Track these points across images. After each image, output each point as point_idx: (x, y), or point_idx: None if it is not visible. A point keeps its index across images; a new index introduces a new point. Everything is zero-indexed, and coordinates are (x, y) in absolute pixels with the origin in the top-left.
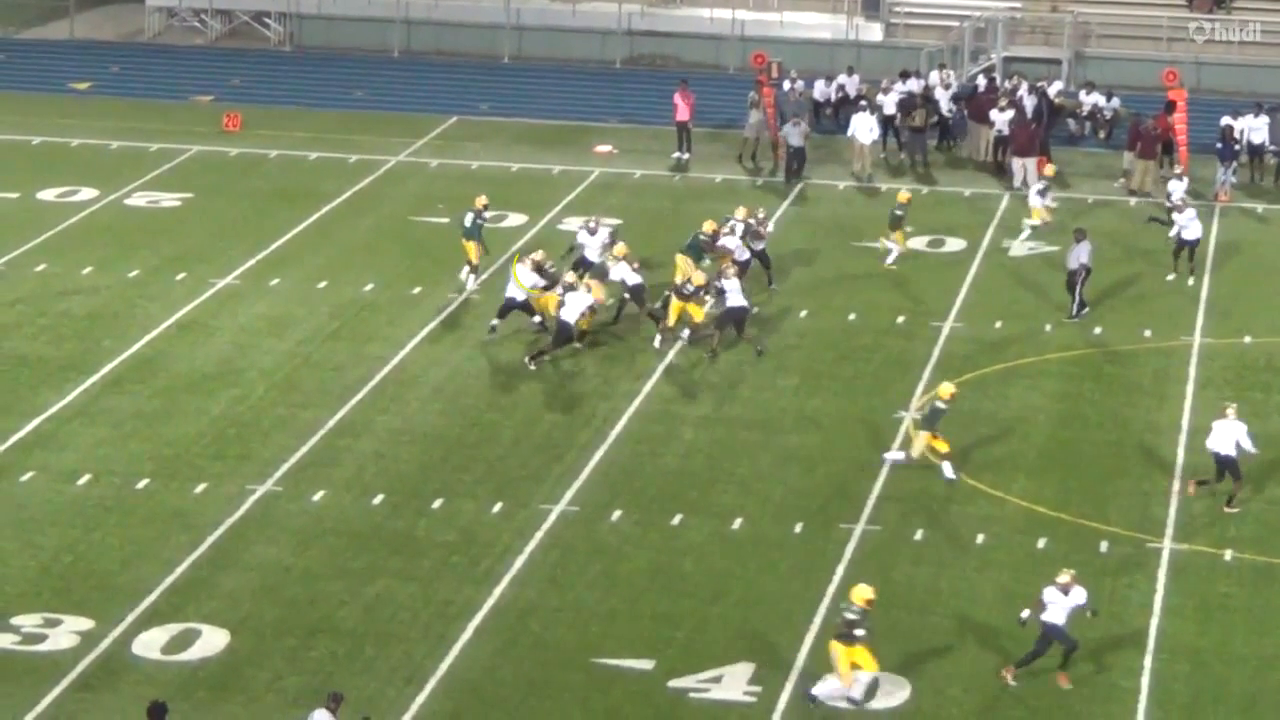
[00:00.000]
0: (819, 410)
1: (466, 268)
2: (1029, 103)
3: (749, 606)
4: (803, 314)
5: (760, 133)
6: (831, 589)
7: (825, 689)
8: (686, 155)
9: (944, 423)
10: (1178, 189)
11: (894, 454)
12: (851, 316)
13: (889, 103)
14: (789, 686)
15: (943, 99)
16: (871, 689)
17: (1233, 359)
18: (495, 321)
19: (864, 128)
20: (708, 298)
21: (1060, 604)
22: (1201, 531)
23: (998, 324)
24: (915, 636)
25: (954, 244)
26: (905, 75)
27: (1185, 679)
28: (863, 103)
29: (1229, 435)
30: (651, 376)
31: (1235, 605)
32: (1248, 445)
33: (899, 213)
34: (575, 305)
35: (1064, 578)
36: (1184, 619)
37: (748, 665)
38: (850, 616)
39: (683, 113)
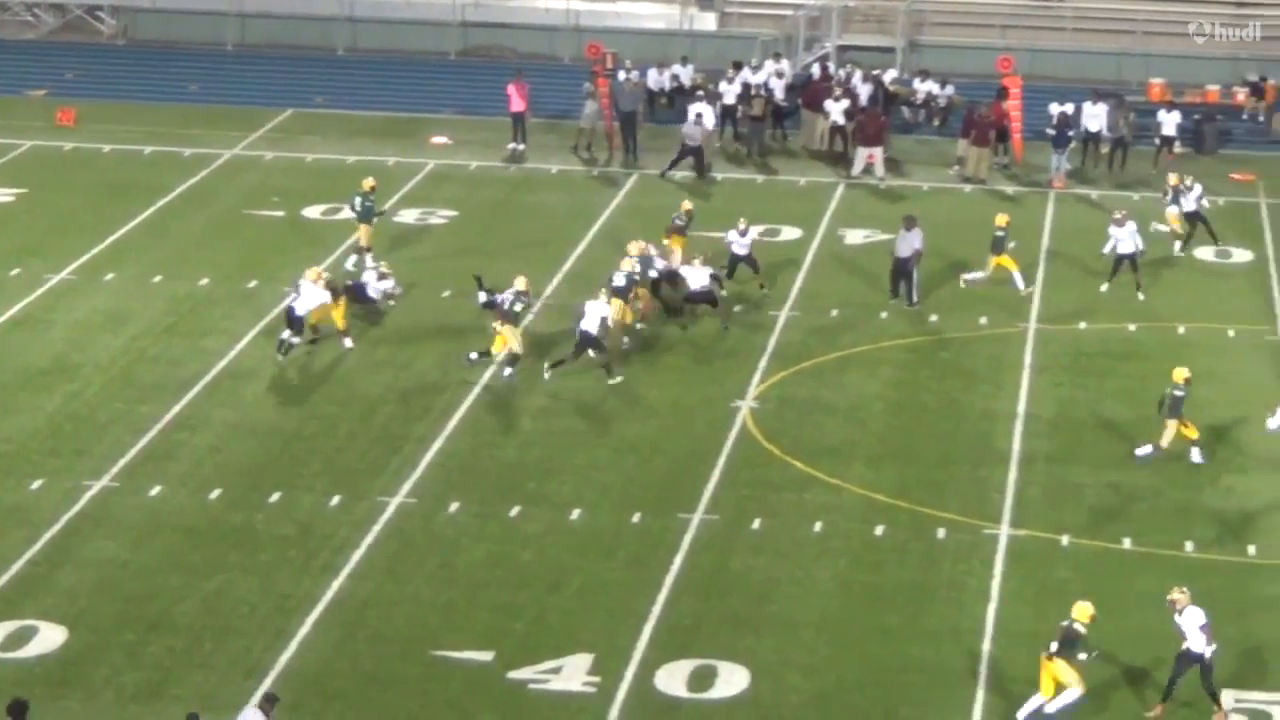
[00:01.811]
0: (656, 400)
1: (355, 255)
2: (864, 91)
3: (588, 597)
4: (638, 304)
5: (595, 123)
6: (669, 578)
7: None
8: (522, 146)
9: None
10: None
11: (1144, 449)
12: (687, 306)
13: (730, 93)
14: (628, 676)
15: (777, 88)
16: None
17: (1068, 345)
18: (286, 335)
19: (707, 118)
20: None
21: (1190, 625)
22: (1038, 517)
23: (834, 312)
24: (753, 625)
25: (790, 233)
26: (738, 65)
27: (1024, 664)
28: (699, 93)
29: None
30: (489, 368)
31: (1073, 590)
32: None
33: (1000, 234)
34: (593, 315)
35: (1178, 595)
36: (1022, 604)
37: (587, 656)
38: (1076, 629)
39: (517, 103)
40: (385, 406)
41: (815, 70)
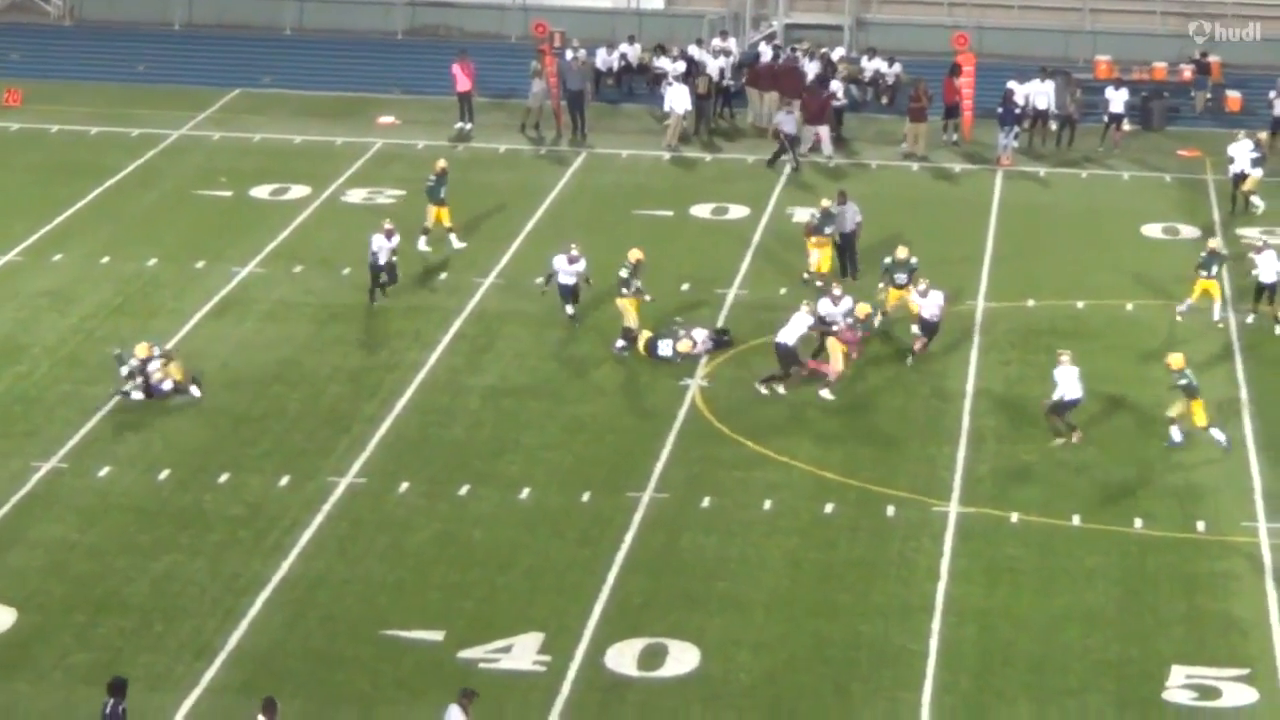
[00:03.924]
0: (605, 379)
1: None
2: (811, 69)
3: (537, 576)
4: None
5: (543, 102)
6: (619, 557)
7: None
8: (469, 125)
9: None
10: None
11: (1176, 434)
12: (620, 272)
13: (674, 72)
14: (579, 655)
15: (725, 66)
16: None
17: (1017, 322)
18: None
19: (680, 99)
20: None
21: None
22: (987, 495)
23: (782, 290)
24: (703, 603)
25: (737, 211)
26: (679, 46)
27: (973, 641)
28: (670, 76)
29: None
30: (437, 347)
31: (1022, 567)
32: None
33: (1203, 255)
34: (796, 326)
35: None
36: (971, 582)
37: (537, 635)
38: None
39: (463, 83)
40: (334, 387)
41: (763, 49)
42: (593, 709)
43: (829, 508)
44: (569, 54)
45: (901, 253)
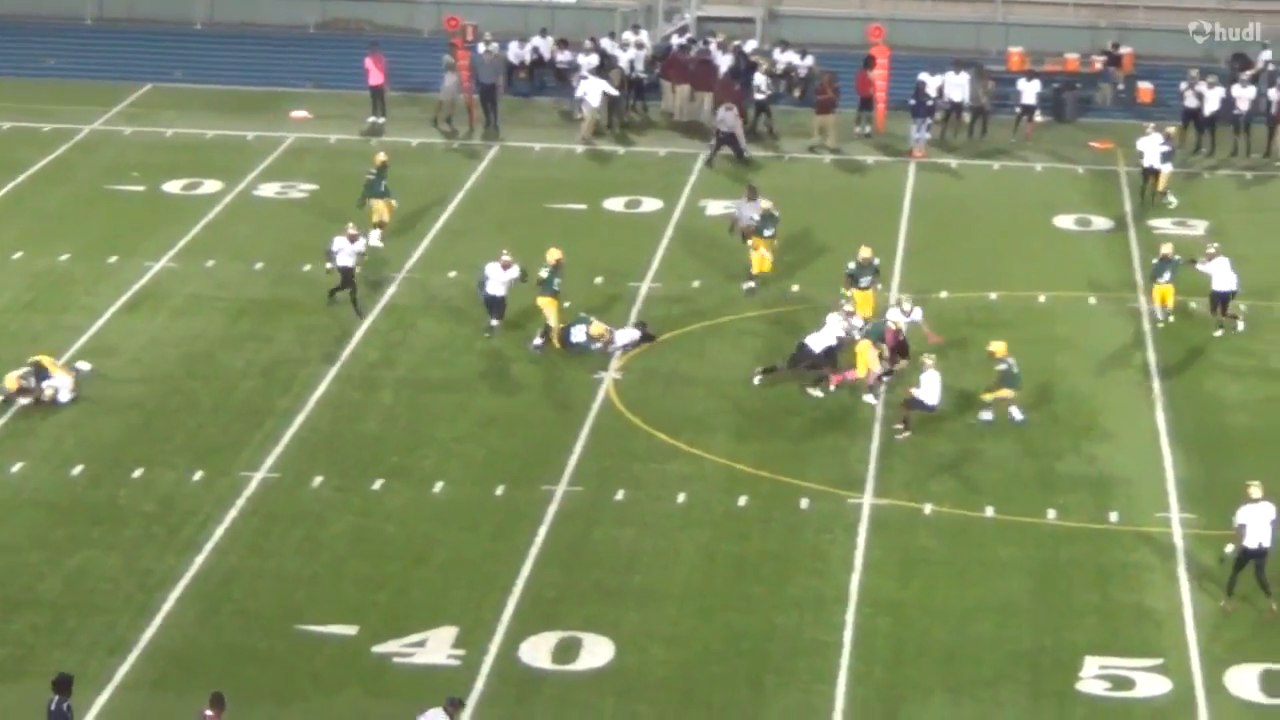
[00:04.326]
0: (519, 373)
1: (377, 231)
2: (724, 61)
3: (452, 570)
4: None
5: (455, 95)
6: (533, 551)
7: None
8: (382, 119)
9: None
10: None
11: (988, 415)
12: (540, 272)
13: (587, 64)
14: (493, 649)
15: (638, 59)
16: None
17: (930, 314)
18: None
19: (595, 92)
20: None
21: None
22: (901, 486)
23: (695, 283)
24: (618, 597)
25: (650, 204)
26: (593, 38)
27: (887, 632)
28: (584, 70)
29: None
30: (351, 342)
31: (935, 559)
32: None
33: (1165, 261)
34: (829, 330)
35: (1256, 492)
36: (885, 573)
37: (451, 629)
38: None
39: (375, 77)
40: (247, 381)
41: (675, 41)
42: (507, 703)
43: (742, 500)
44: (481, 48)
45: (865, 253)
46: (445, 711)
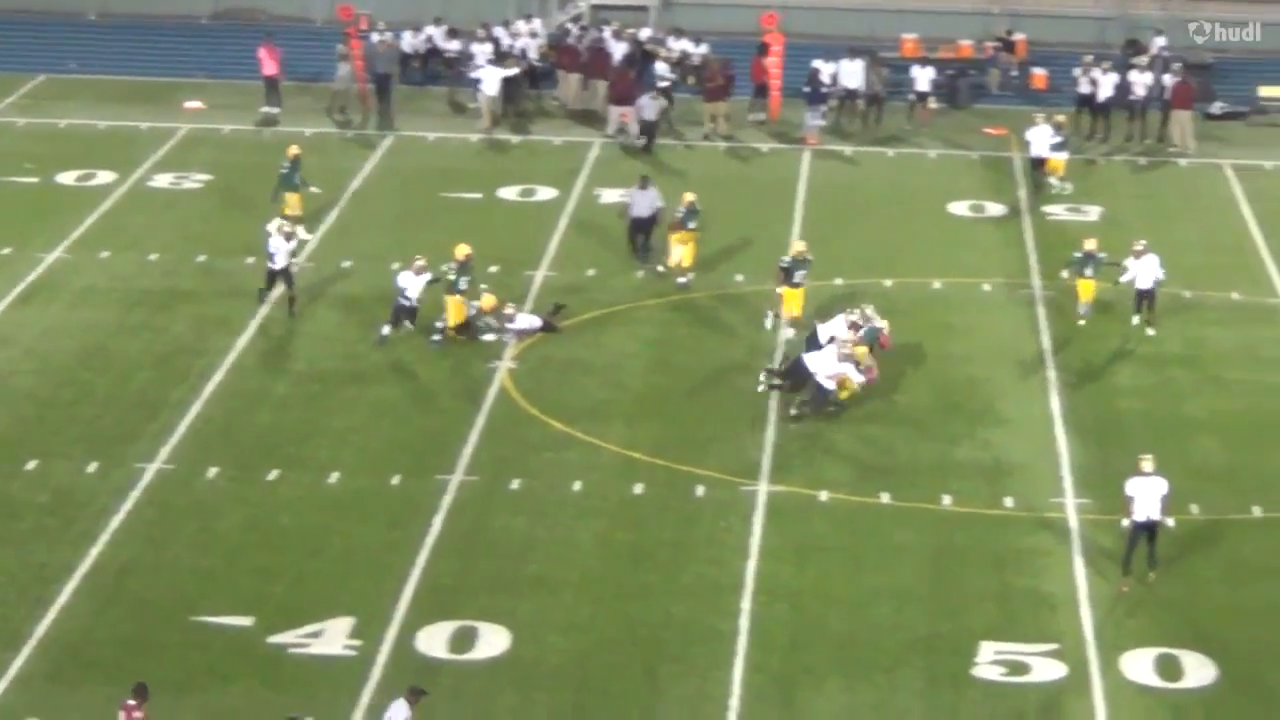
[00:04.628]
0: (413, 362)
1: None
2: (617, 50)
3: (347, 560)
4: (394, 266)
5: (349, 85)
6: (429, 540)
7: None
8: (276, 109)
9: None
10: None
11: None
12: (444, 266)
13: (481, 54)
14: (389, 639)
15: (531, 47)
16: None
17: (824, 301)
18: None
19: (492, 81)
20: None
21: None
22: (796, 473)
23: (590, 271)
24: (514, 585)
25: (545, 193)
26: (485, 26)
27: (784, 620)
28: (492, 59)
29: None
30: (245, 332)
31: (831, 545)
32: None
33: (1088, 257)
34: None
35: (1147, 466)
36: (781, 561)
37: (347, 619)
38: None
39: (269, 67)
40: (142, 372)
41: (570, 29)
42: (404, 692)
43: (638, 488)
44: (375, 37)
45: (799, 247)
46: (407, 701)
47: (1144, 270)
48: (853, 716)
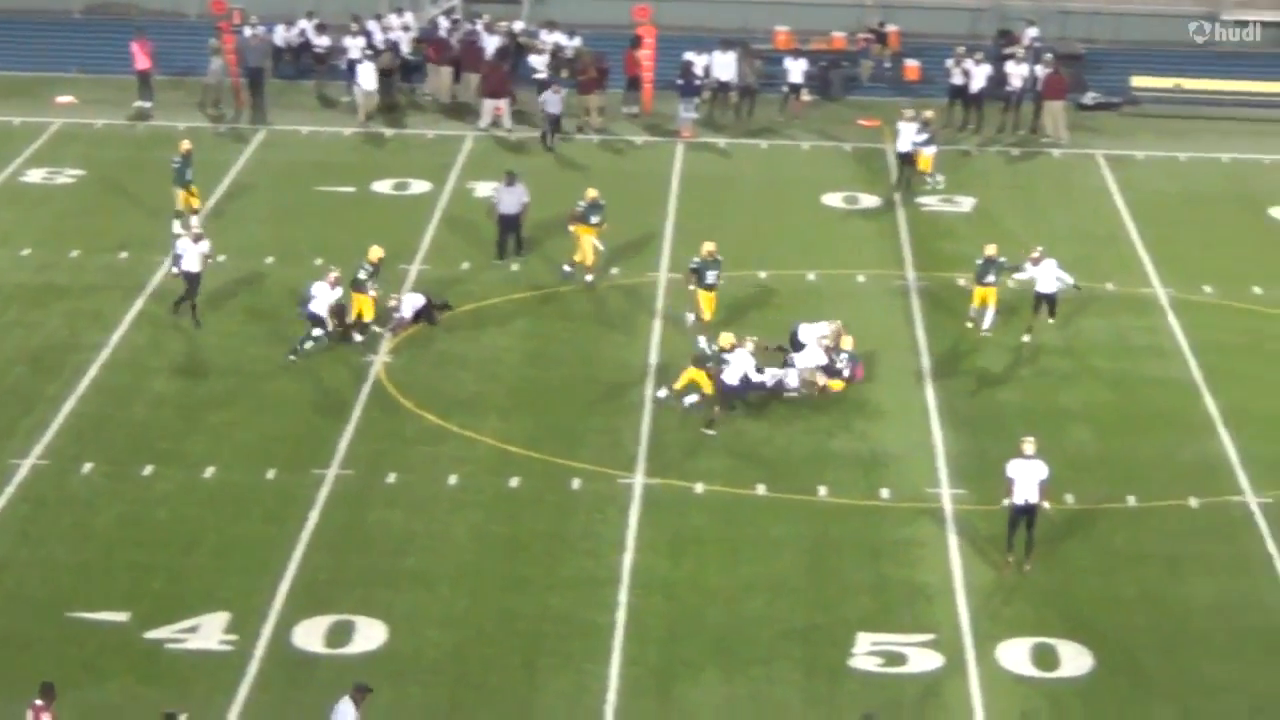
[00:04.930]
0: (289, 357)
1: (188, 215)
2: (490, 43)
3: (223, 555)
4: (269, 260)
5: (222, 79)
6: (305, 535)
7: None
8: (149, 104)
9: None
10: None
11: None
12: (319, 261)
13: (354, 48)
14: (265, 634)
15: (403, 41)
16: None
17: (699, 294)
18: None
19: (369, 75)
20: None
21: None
22: (672, 466)
23: (465, 265)
24: (390, 579)
25: (419, 186)
26: (357, 19)
27: (661, 612)
28: (368, 52)
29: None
30: (119, 327)
31: (708, 538)
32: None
33: (989, 262)
34: (738, 365)
35: (1029, 449)
36: (657, 553)
37: (223, 614)
38: None
39: (142, 61)
40: (15, 368)
41: (442, 23)
42: (281, 687)
43: (514, 481)
44: (248, 31)
45: (708, 247)
46: (351, 699)
47: (1043, 275)
48: (730, 709)
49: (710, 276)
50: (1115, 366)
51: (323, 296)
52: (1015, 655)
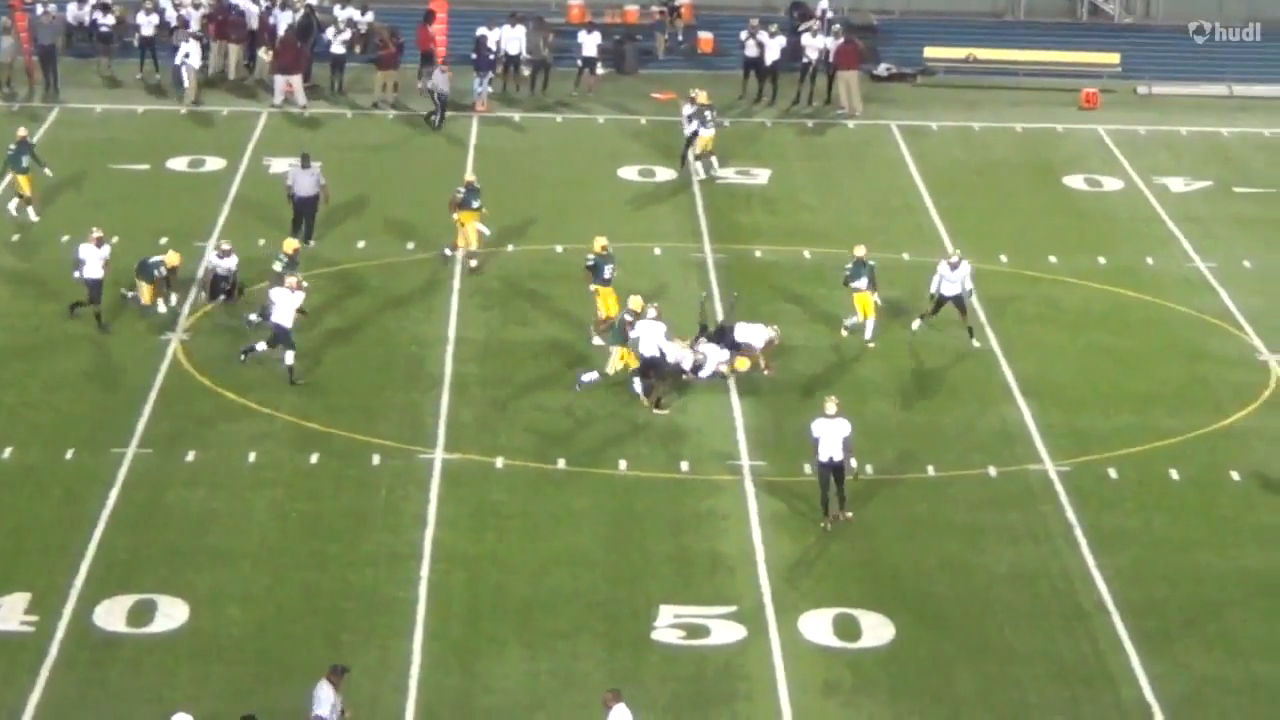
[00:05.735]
0: (84, 335)
1: (16, 200)
2: (283, 19)
3: (22, 535)
4: (64, 239)
5: (14, 57)
6: (105, 514)
7: None
8: None
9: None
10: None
11: (589, 375)
12: (115, 239)
13: (147, 25)
14: (66, 614)
15: (194, 18)
16: None
17: (496, 268)
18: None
19: (195, 53)
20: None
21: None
22: (472, 440)
23: (260, 242)
24: (191, 558)
25: (214, 163)
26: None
27: (463, 587)
28: (188, 29)
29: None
30: None
31: (509, 512)
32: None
33: (860, 265)
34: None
35: (831, 408)
36: (458, 528)
37: (23, 595)
38: None
39: None
40: None
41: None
42: (83, 667)
43: (314, 458)
44: (39, 9)
45: (601, 242)
46: (329, 681)
47: (958, 279)
48: (534, 683)
49: (606, 272)
50: (912, 337)
51: (91, 259)
52: (817, 626)
